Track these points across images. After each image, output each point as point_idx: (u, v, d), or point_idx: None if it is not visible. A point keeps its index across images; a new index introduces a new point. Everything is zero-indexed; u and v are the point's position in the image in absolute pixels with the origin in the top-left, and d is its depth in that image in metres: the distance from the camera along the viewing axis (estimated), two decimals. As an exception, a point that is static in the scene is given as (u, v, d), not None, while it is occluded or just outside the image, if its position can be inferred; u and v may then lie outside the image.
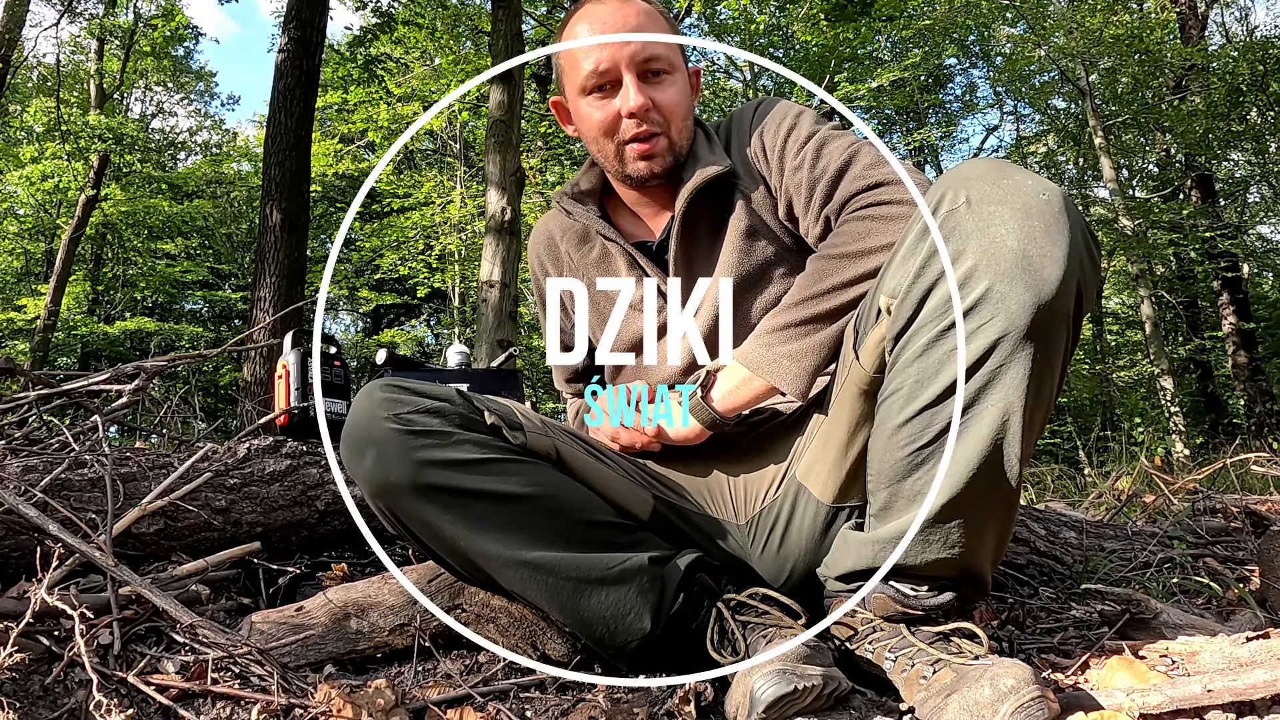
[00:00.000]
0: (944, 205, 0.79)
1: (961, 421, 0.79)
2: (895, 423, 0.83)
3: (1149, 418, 9.56)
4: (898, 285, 0.83)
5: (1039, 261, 0.74)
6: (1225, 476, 2.69)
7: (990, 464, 0.78)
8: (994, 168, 0.80)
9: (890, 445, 0.83)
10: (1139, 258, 9.17)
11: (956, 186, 0.80)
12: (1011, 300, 0.74)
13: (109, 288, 14.65)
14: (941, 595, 0.86)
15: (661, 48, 1.07)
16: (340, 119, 10.26)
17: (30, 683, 0.81)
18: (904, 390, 0.82)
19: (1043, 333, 0.75)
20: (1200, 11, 10.23)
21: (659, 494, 1.02)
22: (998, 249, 0.75)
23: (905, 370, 0.81)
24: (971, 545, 0.83)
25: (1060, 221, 0.75)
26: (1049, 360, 0.77)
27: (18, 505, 0.99)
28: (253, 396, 4.74)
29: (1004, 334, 0.75)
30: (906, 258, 0.82)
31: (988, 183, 0.78)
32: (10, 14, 8.75)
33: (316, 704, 0.80)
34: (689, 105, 1.12)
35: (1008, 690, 0.71)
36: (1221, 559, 1.54)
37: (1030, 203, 0.76)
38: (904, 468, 0.83)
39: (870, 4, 8.02)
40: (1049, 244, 0.74)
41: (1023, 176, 0.78)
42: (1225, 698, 0.75)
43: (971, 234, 0.76)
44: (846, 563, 0.90)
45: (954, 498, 0.80)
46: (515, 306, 4.70)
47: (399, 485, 0.86)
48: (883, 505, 0.86)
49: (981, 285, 0.75)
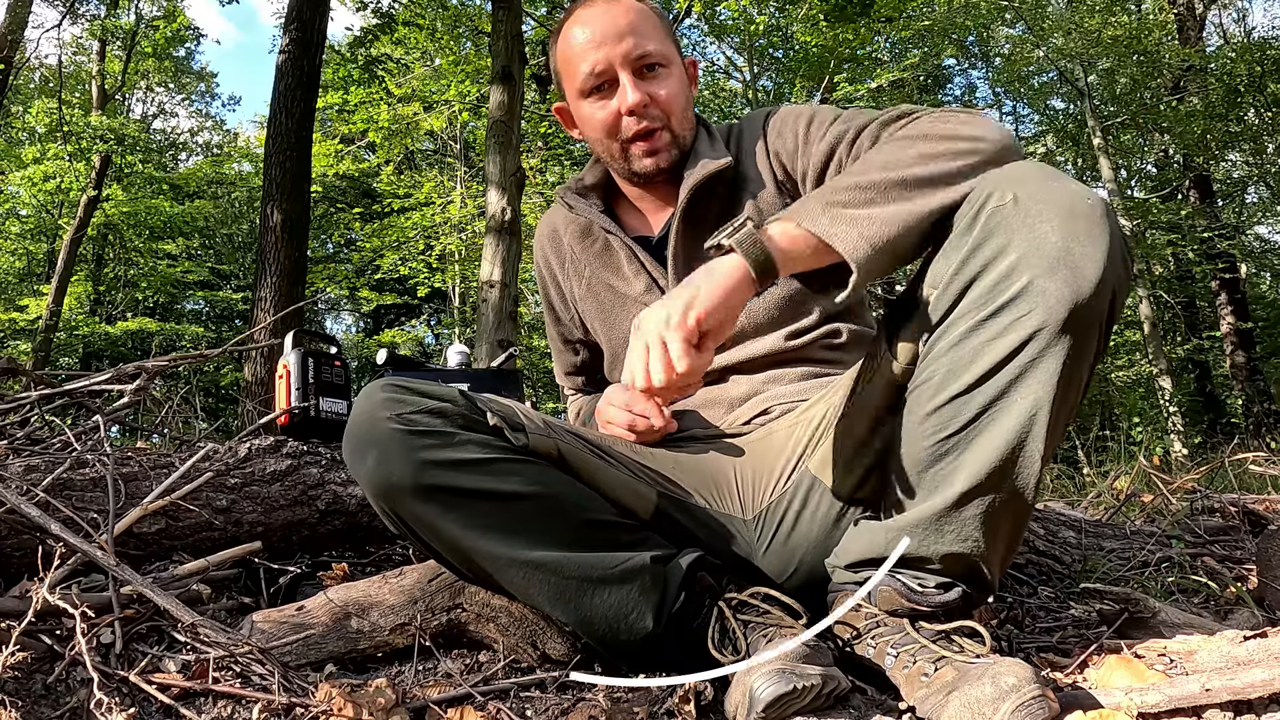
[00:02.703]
0: (991, 201, 0.81)
1: (990, 413, 0.80)
2: (924, 411, 0.84)
3: (1147, 417, 9.56)
4: (939, 275, 0.84)
5: (1080, 260, 0.76)
6: (1223, 476, 2.69)
7: (1012, 458, 0.80)
8: (1042, 170, 0.82)
9: (917, 434, 0.85)
10: (1137, 258, 9.17)
11: (1005, 184, 0.81)
12: (1051, 295, 0.76)
13: (110, 288, 14.66)
14: (949, 592, 0.86)
15: (653, 43, 1.08)
16: (341, 119, 10.27)
17: (32, 681, 0.82)
18: (936, 379, 0.83)
19: (1078, 330, 0.76)
20: (1198, 13, 10.23)
21: (664, 490, 1.02)
22: (1041, 244, 0.77)
23: (939, 360, 0.83)
24: (984, 542, 0.84)
25: (1102, 226, 0.77)
26: (1080, 359, 0.78)
27: (20, 504, 0.99)
28: (253, 396, 4.75)
29: (1041, 327, 0.76)
30: (949, 251, 0.83)
31: (1035, 183, 0.80)
32: (12, 15, 8.75)
33: (317, 703, 0.80)
34: (687, 97, 1.13)
35: (1009, 689, 0.71)
36: (1219, 558, 1.55)
37: (1075, 205, 0.78)
38: (927, 458, 0.84)
39: (870, 4, 8.02)
40: (1090, 244, 0.76)
41: (1068, 181, 0.81)
42: (1223, 696, 0.75)
43: (1017, 229, 0.78)
44: (856, 548, 0.91)
45: (973, 487, 0.81)
46: (515, 306, 4.70)
47: (401, 485, 0.86)
48: (901, 495, 0.87)
49: (1024, 278, 0.77)
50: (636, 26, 1.08)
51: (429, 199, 10.60)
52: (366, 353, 14.40)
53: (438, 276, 11.21)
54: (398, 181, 11.20)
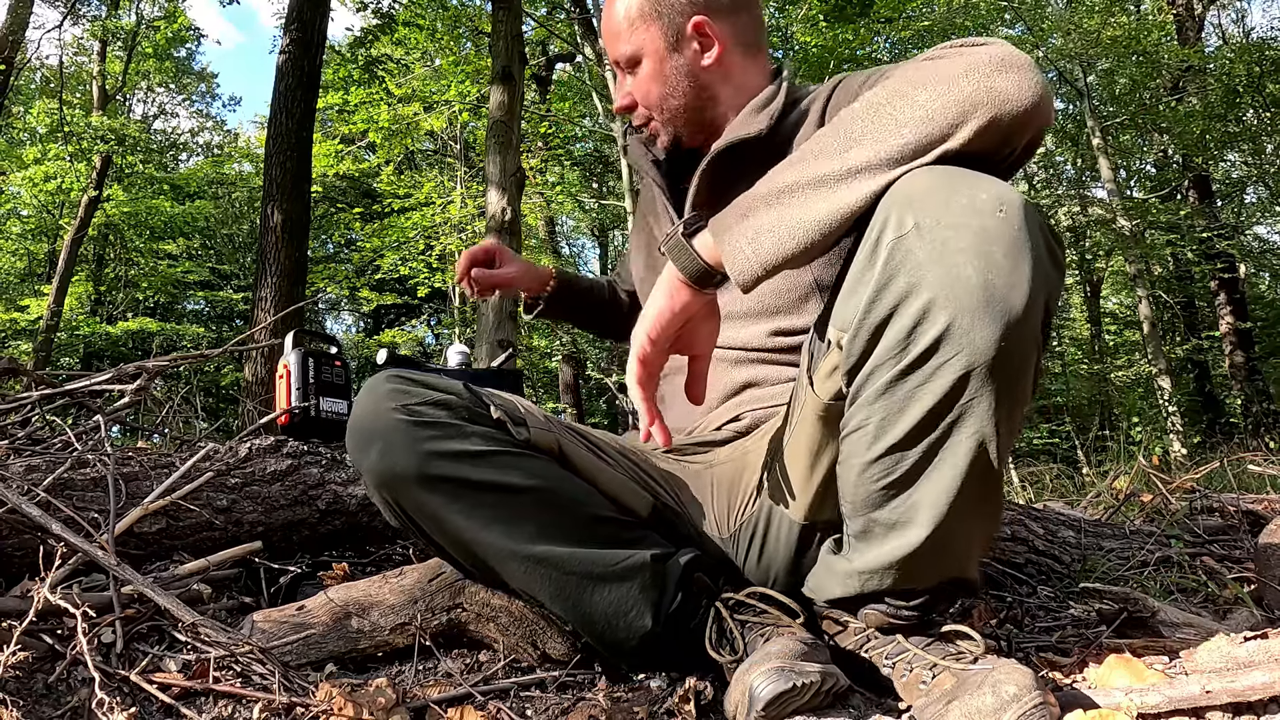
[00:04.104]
0: (889, 231, 0.71)
1: (935, 458, 0.74)
2: (864, 459, 0.77)
3: (1147, 417, 9.56)
4: (847, 319, 0.75)
5: (1003, 290, 0.67)
6: (1222, 475, 2.70)
7: (968, 490, 0.74)
8: (941, 183, 0.71)
9: (861, 480, 0.78)
10: (1137, 258, 9.17)
11: (902, 208, 0.71)
12: (976, 334, 0.68)
13: (111, 288, 14.66)
14: (936, 603, 0.85)
15: (625, 43, 1.08)
16: (341, 120, 10.27)
17: (33, 681, 0.82)
18: (870, 427, 0.76)
19: (1012, 359, 0.69)
20: (1197, 13, 10.24)
21: (658, 496, 1.03)
22: (955, 282, 0.68)
23: (869, 407, 0.75)
24: (960, 557, 0.81)
25: (1021, 239, 0.68)
26: (1020, 383, 0.72)
27: (21, 504, 0.99)
28: (254, 396, 4.75)
29: (970, 369, 0.69)
30: (854, 288, 0.75)
31: (937, 202, 0.70)
32: (13, 16, 8.76)
33: (318, 702, 0.80)
34: (665, 85, 1.07)
35: (1010, 698, 0.70)
36: (1219, 557, 1.55)
37: (987, 224, 0.68)
38: (878, 499, 0.78)
39: (870, 4, 8.02)
40: (1012, 268, 0.68)
41: (974, 190, 0.70)
42: (1223, 699, 0.75)
43: (925, 265, 0.69)
44: (833, 590, 0.88)
45: (936, 528, 0.76)
46: (515, 306, 4.70)
47: (405, 476, 0.86)
48: (860, 530, 0.83)
49: (941, 321, 0.69)
50: (613, 28, 1.09)
51: (429, 199, 10.59)
52: (366, 353, 14.39)
53: (438, 276, 11.20)
54: (398, 181, 11.20)
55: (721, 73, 1.07)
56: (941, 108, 0.74)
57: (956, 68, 0.75)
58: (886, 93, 0.78)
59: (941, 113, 0.74)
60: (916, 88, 0.76)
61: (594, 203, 13.45)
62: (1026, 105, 0.73)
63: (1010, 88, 0.73)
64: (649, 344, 0.83)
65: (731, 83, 1.08)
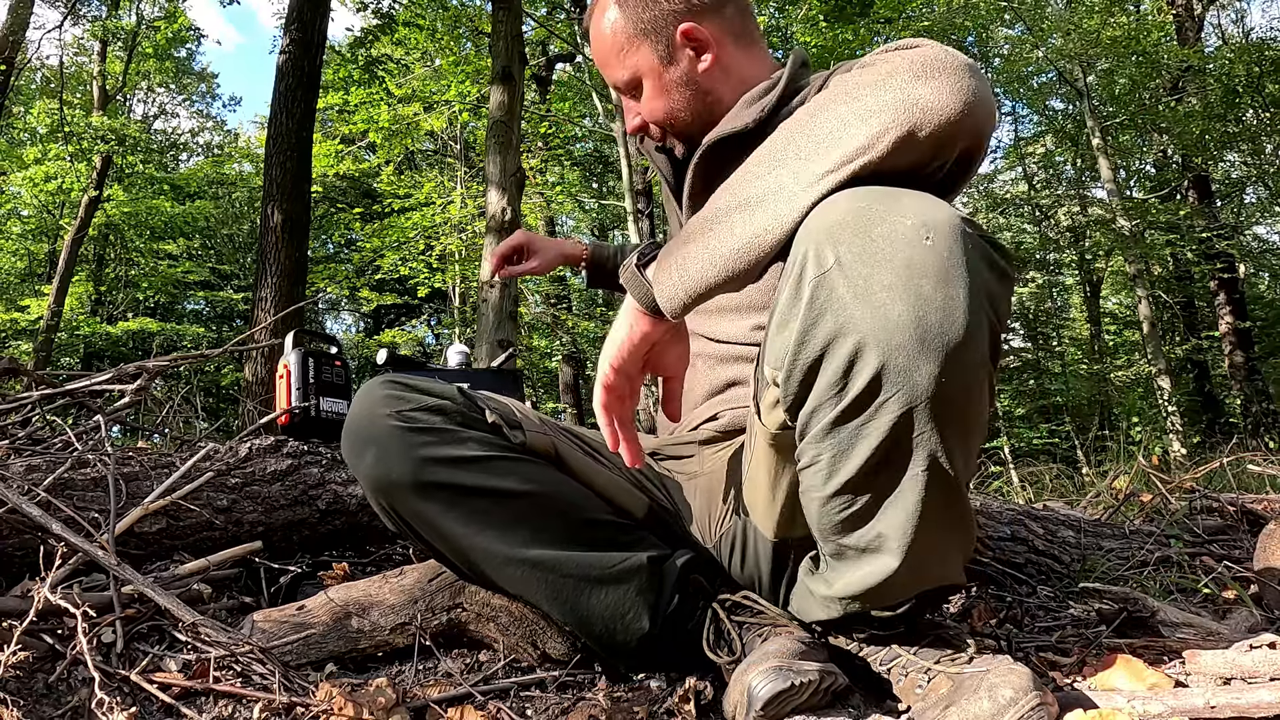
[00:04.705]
0: (810, 268, 0.67)
1: (894, 490, 0.71)
2: (823, 494, 0.74)
3: (1146, 417, 9.55)
4: (779, 356, 0.71)
5: (937, 325, 0.64)
6: (1222, 475, 2.70)
7: (932, 514, 0.71)
8: (861, 210, 0.66)
9: (824, 512, 0.76)
10: (1136, 258, 9.17)
11: (820, 241, 0.66)
12: (914, 373, 0.64)
13: (111, 288, 14.67)
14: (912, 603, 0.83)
15: (620, 69, 1.05)
16: (341, 120, 10.27)
17: (34, 681, 0.82)
18: (822, 464, 0.72)
19: (955, 390, 0.66)
20: (1196, 13, 10.24)
21: (654, 497, 1.03)
22: (885, 321, 0.64)
23: (818, 445, 0.72)
24: (937, 573, 0.79)
25: (952, 265, 0.64)
26: (970, 408, 0.69)
27: (21, 504, 0.99)
28: (254, 396, 4.75)
29: (911, 406, 0.66)
30: (783, 323, 0.71)
31: (858, 235, 0.65)
32: (14, 16, 8.76)
33: (318, 702, 0.80)
34: (669, 99, 1.05)
35: (1006, 702, 0.69)
36: (1218, 557, 1.55)
37: (913, 256, 0.64)
38: (844, 528, 0.76)
39: (870, 5, 8.03)
40: (945, 300, 0.63)
41: (896, 215, 0.65)
42: (1227, 714, 0.74)
43: (850, 304, 0.65)
44: (816, 614, 0.87)
45: (906, 557, 0.73)
46: (515, 306, 4.70)
47: (400, 482, 0.86)
48: (834, 552, 0.80)
49: (874, 362, 0.65)
50: (605, 57, 1.06)
51: (429, 199, 10.59)
52: (366, 353, 14.40)
53: (438, 276, 11.20)
54: (398, 182, 11.20)
55: (720, 71, 1.06)
56: (858, 121, 0.70)
57: (877, 75, 0.71)
58: (814, 105, 0.74)
59: (858, 126, 0.69)
60: (838, 100, 0.72)
61: (594, 203, 13.46)
62: (950, 115, 0.68)
63: (929, 96, 0.68)
64: (611, 373, 0.82)
65: (732, 78, 1.06)
